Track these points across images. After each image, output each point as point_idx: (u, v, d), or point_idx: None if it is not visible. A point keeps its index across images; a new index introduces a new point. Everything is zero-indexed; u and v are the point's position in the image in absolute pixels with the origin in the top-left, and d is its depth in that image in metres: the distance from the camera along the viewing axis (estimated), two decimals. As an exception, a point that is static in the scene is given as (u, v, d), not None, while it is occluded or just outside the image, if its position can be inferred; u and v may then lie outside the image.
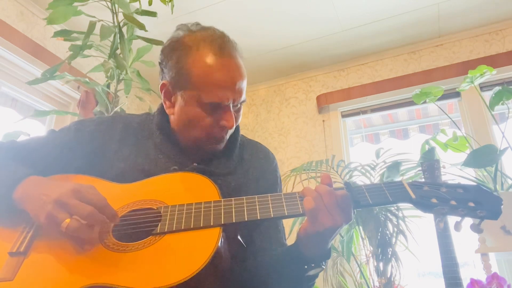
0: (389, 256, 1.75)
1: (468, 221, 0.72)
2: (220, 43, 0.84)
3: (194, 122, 0.85)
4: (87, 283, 0.63)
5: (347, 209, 0.71)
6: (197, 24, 0.89)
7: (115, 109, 1.97)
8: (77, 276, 0.65)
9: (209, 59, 0.82)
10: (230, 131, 0.90)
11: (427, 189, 0.74)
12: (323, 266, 0.77)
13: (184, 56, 0.84)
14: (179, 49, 0.85)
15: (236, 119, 0.88)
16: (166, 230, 0.70)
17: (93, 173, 0.84)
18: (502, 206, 0.70)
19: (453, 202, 0.71)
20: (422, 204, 0.72)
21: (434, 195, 0.72)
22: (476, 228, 0.71)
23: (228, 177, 0.90)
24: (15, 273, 0.67)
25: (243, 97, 0.87)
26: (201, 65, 0.82)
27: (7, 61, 2.12)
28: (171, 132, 0.92)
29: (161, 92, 0.90)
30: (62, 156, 0.88)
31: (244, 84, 0.86)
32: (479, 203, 0.71)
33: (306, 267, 0.76)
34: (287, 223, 2.19)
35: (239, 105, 0.89)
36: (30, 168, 0.79)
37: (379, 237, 1.78)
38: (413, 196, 0.72)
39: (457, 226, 0.72)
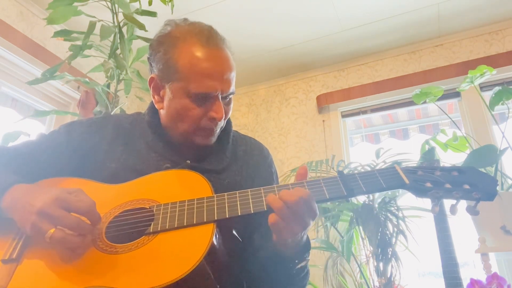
0: (389, 256, 1.75)
1: (464, 203, 0.72)
2: (207, 35, 0.84)
3: (183, 115, 0.84)
4: (81, 287, 0.63)
5: (313, 210, 0.70)
6: (185, 19, 0.89)
7: (115, 109, 1.97)
8: (71, 280, 0.65)
9: (196, 49, 0.82)
10: (220, 124, 0.88)
11: (421, 173, 0.73)
12: (307, 258, 0.77)
13: (171, 48, 0.84)
14: (166, 42, 0.85)
15: (226, 112, 0.87)
16: (159, 229, 0.69)
17: (85, 174, 0.84)
18: (497, 187, 0.69)
19: (447, 185, 0.70)
20: (417, 188, 0.71)
21: (428, 179, 0.72)
22: (472, 210, 0.70)
23: (222, 174, 0.90)
24: (9, 280, 0.66)
25: (232, 88, 0.86)
26: (188, 56, 0.82)
27: (7, 61, 2.12)
28: (163, 130, 0.91)
29: (150, 87, 0.90)
30: (53, 159, 0.87)
31: (232, 75, 0.85)
32: (474, 185, 0.70)
33: (291, 264, 0.77)
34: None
35: (228, 98, 0.87)
36: (21, 173, 0.78)
37: (379, 237, 1.78)
38: (406, 181, 0.71)
39: (453, 209, 0.71)
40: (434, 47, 2.67)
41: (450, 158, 2.01)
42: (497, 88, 1.79)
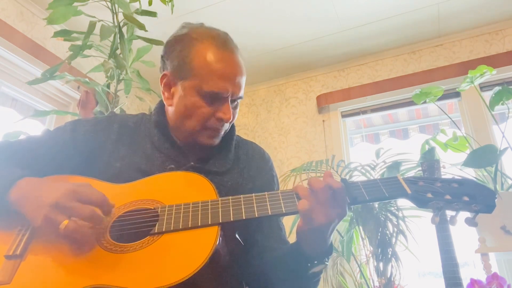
0: (389, 256, 1.75)
1: (464, 215, 0.73)
2: (224, 39, 0.88)
3: (192, 112, 0.85)
4: (85, 284, 0.63)
5: (342, 204, 0.70)
6: (202, 24, 0.92)
7: (115, 109, 1.97)
8: (75, 278, 0.65)
9: (212, 50, 0.85)
10: (226, 127, 0.90)
11: (422, 184, 0.75)
12: (326, 263, 0.77)
13: (188, 47, 0.86)
14: (183, 41, 0.88)
15: (233, 115, 0.89)
16: (163, 230, 0.70)
17: (89, 173, 0.84)
18: (496, 200, 0.71)
19: (448, 197, 0.72)
20: (418, 199, 0.73)
21: (429, 190, 0.73)
22: (470, 222, 0.72)
23: (225, 176, 0.90)
24: (12, 276, 0.66)
25: (241, 93, 0.89)
26: (203, 56, 0.84)
27: (7, 61, 2.11)
28: (169, 131, 0.93)
29: (161, 84, 0.91)
30: (58, 156, 0.87)
31: (243, 80, 0.89)
32: (473, 197, 0.72)
33: (309, 264, 0.76)
34: (287, 223, 2.20)
35: (236, 102, 0.90)
36: (25, 169, 0.78)
37: (379, 237, 1.78)
38: (408, 191, 0.73)
39: (453, 221, 0.73)
40: (434, 47, 2.67)
41: (450, 158, 2.02)
42: (497, 88, 1.79)
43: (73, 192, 0.68)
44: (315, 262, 0.76)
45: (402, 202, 1.87)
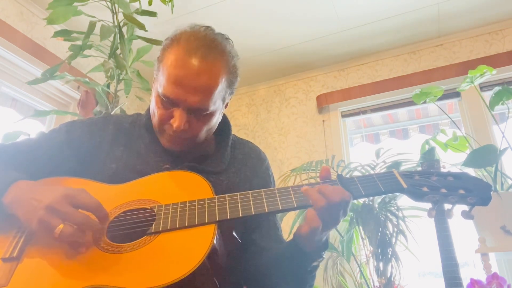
0: (389, 256, 1.75)
1: (460, 208, 0.74)
2: (198, 45, 0.81)
3: (153, 112, 0.87)
4: (82, 285, 0.63)
5: (347, 207, 0.71)
6: (207, 27, 0.87)
7: (115, 109, 1.97)
8: (72, 279, 0.65)
9: (178, 54, 0.81)
10: (185, 135, 0.84)
11: (418, 178, 0.75)
12: (323, 256, 0.78)
13: (164, 50, 0.86)
14: (165, 45, 0.87)
15: (195, 126, 0.84)
16: (160, 229, 0.70)
17: (85, 175, 0.84)
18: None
19: (443, 190, 0.73)
20: (414, 193, 0.73)
21: (425, 184, 0.74)
22: (467, 215, 0.73)
23: (221, 176, 0.90)
24: (9, 278, 0.66)
25: (201, 104, 0.81)
26: (169, 59, 0.82)
27: (7, 61, 2.11)
28: None
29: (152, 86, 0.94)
30: (54, 158, 0.87)
31: (205, 92, 0.80)
32: (469, 190, 0.72)
33: (308, 260, 0.77)
34: (287, 223, 2.20)
35: (203, 113, 0.83)
36: (21, 171, 0.78)
37: (379, 237, 1.78)
38: (404, 185, 0.73)
39: (449, 213, 0.74)
40: (434, 47, 2.67)
41: (450, 158, 2.02)
42: (497, 88, 1.79)
43: (68, 196, 0.67)
44: (314, 258, 0.77)
45: (402, 201, 1.87)
